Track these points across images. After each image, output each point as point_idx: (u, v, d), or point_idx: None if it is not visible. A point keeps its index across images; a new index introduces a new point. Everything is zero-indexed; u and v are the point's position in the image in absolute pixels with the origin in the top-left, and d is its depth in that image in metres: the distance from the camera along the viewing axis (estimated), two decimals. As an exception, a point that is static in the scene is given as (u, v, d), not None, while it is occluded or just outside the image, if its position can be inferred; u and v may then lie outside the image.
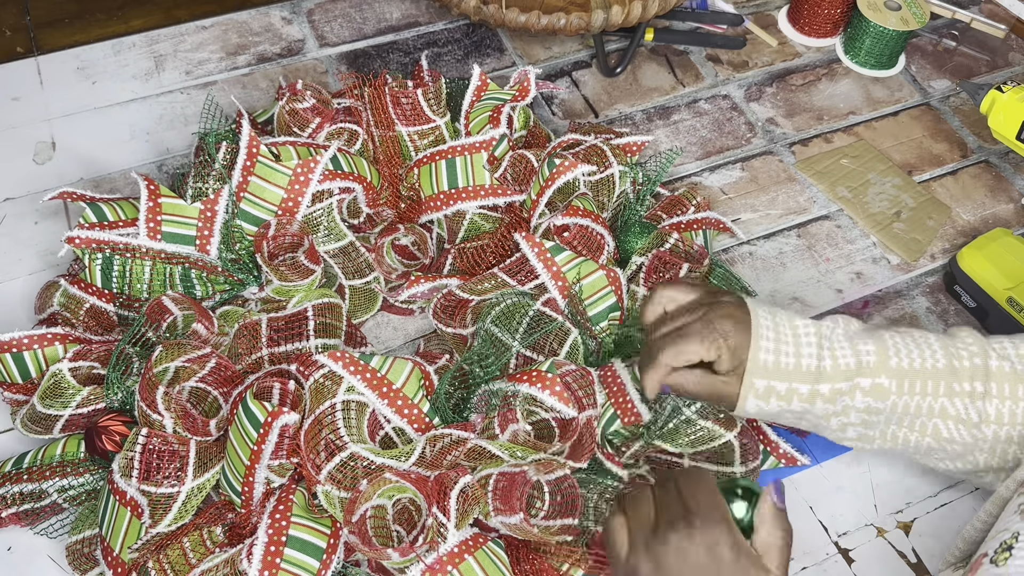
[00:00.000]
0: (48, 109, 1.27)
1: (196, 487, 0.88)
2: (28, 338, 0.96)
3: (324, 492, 0.87)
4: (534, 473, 0.86)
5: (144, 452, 0.87)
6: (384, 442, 0.94)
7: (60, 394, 0.93)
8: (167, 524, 0.86)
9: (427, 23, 1.44)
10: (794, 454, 1.02)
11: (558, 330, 1.01)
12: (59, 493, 0.92)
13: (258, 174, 1.06)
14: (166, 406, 0.89)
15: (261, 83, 1.33)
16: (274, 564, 0.82)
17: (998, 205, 1.30)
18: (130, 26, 1.38)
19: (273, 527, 0.84)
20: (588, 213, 1.08)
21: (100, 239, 1.01)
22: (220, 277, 1.06)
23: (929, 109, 1.41)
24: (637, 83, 1.40)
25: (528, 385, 0.92)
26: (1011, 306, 1.11)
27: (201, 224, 1.05)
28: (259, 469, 0.87)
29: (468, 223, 1.13)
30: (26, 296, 1.09)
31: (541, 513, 0.87)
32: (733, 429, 0.94)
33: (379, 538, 0.86)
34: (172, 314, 0.98)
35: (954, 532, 1.00)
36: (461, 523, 0.84)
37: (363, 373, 0.92)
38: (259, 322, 1.01)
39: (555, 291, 1.04)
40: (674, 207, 1.18)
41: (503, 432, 0.90)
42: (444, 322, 1.07)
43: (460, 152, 1.14)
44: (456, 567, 0.83)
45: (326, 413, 0.90)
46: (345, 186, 1.09)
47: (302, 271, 1.04)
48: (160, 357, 0.92)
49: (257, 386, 0.91)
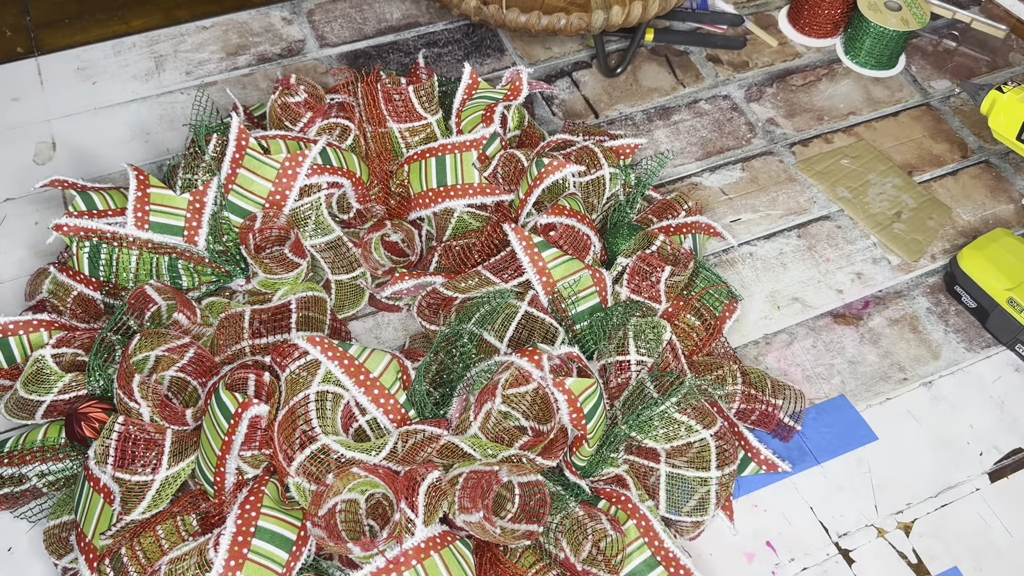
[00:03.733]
0: (48, 109, 1.29)
1: (171, 476, 0.88)
2: (14, 324, 0.97)
3: (296, 484, 0.87)
4: (506, 474, 0.85)
5: (120, 440, 0.87)
6: (358, 436, 0.93)
7: (43, 380, 0.94)
8: (140, 512, 0.86)
9: (427, 23, 1.44)
10: (775, 460, 1.00)
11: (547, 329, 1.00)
12: (39, 478, 0.92)
13: (247, 167, 1.06)
14: (143, 395, 0.89)
15: (261, 83, 1.34)
16: (241, 554, 0.81)
17: (998, 205, 1.27)
18: (130, 26, 1.40)
19: (242, 518, 0.83)
20: (574, 213, 1.07)
21: (88, 227, 1.02)
22: (207, 268, 1.06)
23: (929, 109, 1.39)
24: (637, 83, 1.39)
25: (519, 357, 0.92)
26: (1011, 306, 1.09)
27: (190, 215, 1.06)
28: (230, 459, 0.86)
29: (456, 221, 1.13)
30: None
31: (508, 515, 0.86)
32: (711, 427, 0.92)
33: (351, 532, 0.85)
34: (155, 303, 0.98)
35: (954, 533, 0.98)
36: (429, 519, 0.83)
37: (340, 359, 0.91)
38: (242, 314, 1.01)
39: (540, 287, 1.03)
40: (665, 211, 1.17)
41: (479, 412, 0.89)
42: (428, 319, 1.06)
43: (450, 150, 1.13)
44: (421, 563, 0.82)
45: (300, 404, 0.89)
46: (334, 181, 1.09)
47: (287, 264, 1.04)
48: (139, 346, 0.92)
49: (232, 377, 0.91)
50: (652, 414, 0.91)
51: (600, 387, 0.94)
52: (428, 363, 0.95)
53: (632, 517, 0.91)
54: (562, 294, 1.03)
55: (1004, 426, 1.07)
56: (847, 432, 1.05)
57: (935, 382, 1.10)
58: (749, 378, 1.04)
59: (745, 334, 1.13)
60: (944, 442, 1.05)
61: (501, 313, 1.00)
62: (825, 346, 1.12)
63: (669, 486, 0.93)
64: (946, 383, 1.10)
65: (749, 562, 0.96)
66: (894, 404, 1.08)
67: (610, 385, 0.99)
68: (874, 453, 1.04)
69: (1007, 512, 1.00)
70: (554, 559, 0.88)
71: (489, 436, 0.90)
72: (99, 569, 0.85)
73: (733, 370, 1.02)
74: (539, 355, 0.92)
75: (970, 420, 1.07)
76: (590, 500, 0.93)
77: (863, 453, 1.04)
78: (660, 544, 0.90)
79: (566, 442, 0.93)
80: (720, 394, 1.00)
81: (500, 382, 0.91)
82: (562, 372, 0.93)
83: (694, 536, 0.96)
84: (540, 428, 0.93)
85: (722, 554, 0.96)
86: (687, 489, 0.93)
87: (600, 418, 0.93)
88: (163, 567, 0.82)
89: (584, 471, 0.95)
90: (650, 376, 0.97)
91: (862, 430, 1.05)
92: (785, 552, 0.96)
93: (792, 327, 1.14)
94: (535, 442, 0.90)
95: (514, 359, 0.92)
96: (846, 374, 1.10)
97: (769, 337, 1.13)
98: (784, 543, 0.97)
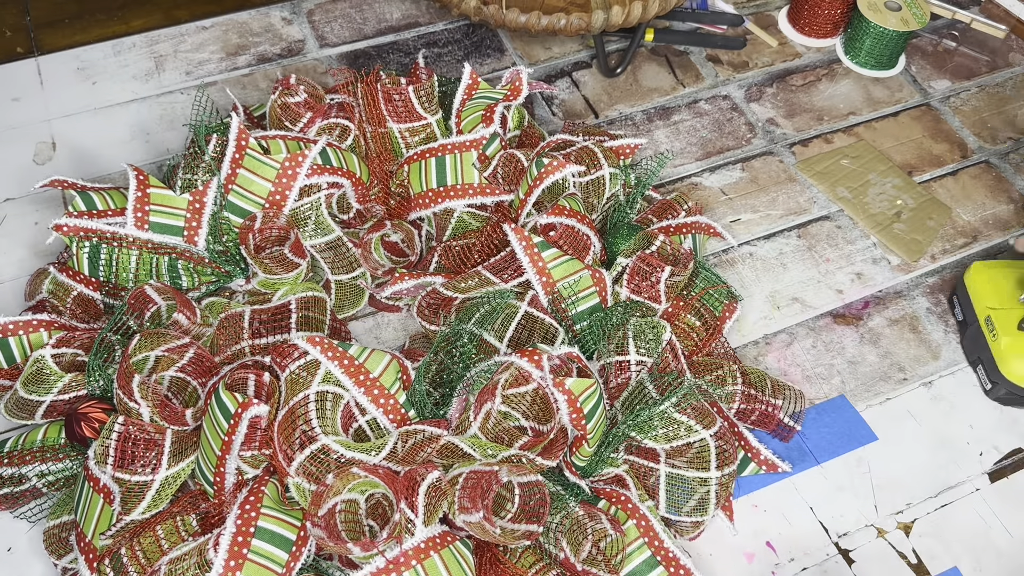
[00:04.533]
0: (48, 109, 1.29)
1: (171, 476, 0.88)
2: (13, 324, 0.97)
3: (296, 484, 0.87)
4: (506, 474, 0.85)
5: (120, 440, 0.87)
6: (358, 436, 0.93)
7: (42, 380, 0.94)
8: (140, 512, 0.86)
9: (427, 23, 1.44)
10: (775, 460, 1.00)
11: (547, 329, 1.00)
12: (39, 478, 0.92)
13: (246, 167, 1.06)
14: (143, 395, 0.89)
15: (261, 83, 1.34)
16: (241, 554, 0.81)
17: (998, 205, 1.27)
18: (130, 26, 1.40)
19: (242, 518, 0.83)
20: (574, 213, 1.07)
21: (88, 227, 1.02)
22: (207, 268, 1.06)
23: (929, 109, 1.39)
24: (637, 83, 1.39)
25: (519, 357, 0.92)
26: (986, 325, 1.08)
27: (190, 215, 1.06)
28: (230, 459, 0.86)
29: (456, 221, 1.13)
30: (26, 294, 1.10)
31: (508, 515, 0.86)
32: (711, 427, 0.92)
33: (351, 532, 0.85)
34: (155, 303, 0.98)
35: (954, 533, 0.98)
36: (429, 519, 0.83)
37: (340, 359, 0.91)
38: (242, 314, 1.01)
39: (539, 287, 1.03)
40: (665, 211, 1.17)
41: (479, 412, 0.89)
42: (428, 320, 1.06)
43: (450, 150, 1.13)
44: (421, 563, 0.82)
45: (300, 404, 0.89)
46: (334, 181, 1.09)
47: (287, 264, 1.04)
48: (139, 346, 0.92)
49: (232, 377, 0.91)
50: (652, 414, 0.91)
51: (600, 387, 0.94)
52: (428, 363, 0.95)
53: (632, 517, 0.91)
54: (562, 294, 1.03)
55: (1004, 426, 1.07)
56: (847, 432, 1.05)
57: (935, 382, 1.10)
58: (749, 378, 1.03)
59: (745, 334, 1.13)
60: (944, 442, 1.05)
61: (501, 313, 1.00)
62: (825, 346, 1.12)
63: (669, 486, 0.93)
64: (946, 383, 1.10)
65: (749, 562, 0.95)
66: (894, 404, 1.08)
67: (610, 385, 0.99)
68: (874, 453, 1.04)
69: (1007, 512, 1.00)
70: (554, 559, 0.88)
71: (489, 436, 0.90)
72: (99, 569, 0.85)
73: (733, 370, 1.02)
74: (539, 355, 0.92)
75: (970, 420, 1.07)
76: (590, 500, 0.93)
77: (863, 453, 1.04)
78: (660, 544, 0.90)
79: (566, 442, 0.93)
80: (720, 394, 1.00)
81: (500, 382, 0.91)
82: (562, 372, 0.93)
83: (694, 536, 0.96)
84: (540, 428, 0.93)
85: (722, 554, 0.96)
86: (687, 489, 0.93)
87: (600, 418, 0.93)
88: (163, 567, 0.82)
89: (584, 471, 0.95)
90: (650, 376, 0.97)
91: (862, 430, 1.05)
92: (785, 552, 0.96)
93: (792, 327, 1.14)
94: (535, 442, 0.90)
95: (514, 359, 0.92)
96: (846, 374, 1.10)
97: (769, 337, 1.13)
98: (784, 543, 0.97)
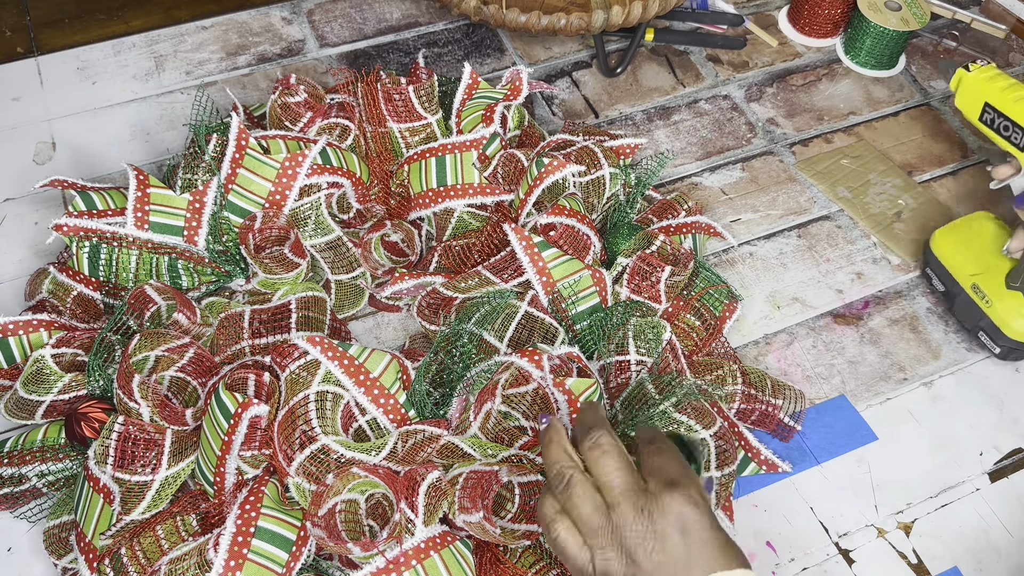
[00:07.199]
0: (48, 109, 1.29)
1: (171, 476, 0.88)
2: (13, 323, 0.96)
3: (295, 484, 0.87)
4: (506, 474, 0.85)
5: (120, 440, 0.87)
6: (358, 436, 0.93)
7: (42, 380, 0.94)
8: (140, 512, 0.86)
9: (427, 23, 1.44)
10: (776, 460, 1.00)
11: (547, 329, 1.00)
12: (39, 478, 0.92)
13: (246, 166, 1.06)
14: (143, 395, 0.89)
15: (261, 83, 1.34)
16: (241, 555, 0.81)
17: (998, 206, 1.27)
18: (130, 26, 1.40)
19: (242, 518, 0.83)
20: (574, 213, 1.07)
21: (88, 227, 1.02)
22: (207, 268, 1.06)
23: (929, 109, 1.39)
24: (637, 83, 1.39)
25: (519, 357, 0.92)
26: (975, 292, 1.08)
27: (189, 215, 1.06)
28: (230, 459, 0.86)
29: (456, 221, 1.13)
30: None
31: (508, 515, 0.86)
32: (711, 427, 0.92)
33: (351, 532, 0.85)
34: (155, 303, 0.98)
35: (954, 533, 0.98)
36: (429, 519, 0.83)
37: (340, 359, 0.91)
38: (242, 314, 1.01)
39: (539, 287, 1.03)
40: (666, 211, 1.17)
41: (479, 412, 0.89)
42: (428, 319, 1.06)
43: (450, 150, 1.13)
44: (421, 563, 0.82)
45: (300, 404, 0.89)
46: (334, 181, 1.09)
47: (287, 264, 1.04)
48: (139, 346, 0.92)
49: (232, 377, 0.91)
50: (652, 414, 0.91)
51: (600, 387, 0.94)
52: (428, 363, 0.95)
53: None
54: (562, 294, 1.03)
55: (1004, 426, 1.07)
56: (847, 432, 1.05)
57: (935, 382, 1.10)
58: (749, 378, 1.03)
59: (745, 334, 1.13)
60: (944, 442, 1.05)
61: (501, 313, 1.00)
62: (825, 346, 1.12)
63: (669, 486, 0.93)
64: (946, 383, 1.10)
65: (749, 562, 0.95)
66: (894, 404, 1.08)
67: (610, 385, 0.99)
68: (874, 453, 1.04)
69: (1007, 512, 1.00)
70: (554, 559, 0.88)
71: (489, 436, 0.91)
72: (99, 569, 0.85)
73: (733, 370, 1.02)
74: (539, 355, 0.92)
75: (970, 420, 1.07)
76: None
77: (863, 453, 1.04)
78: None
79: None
80: (720, 394, 1.00)
81: (500, 382, 0.91)
82: (562, 372, 0.94)
83: (694, 536, 0.96)
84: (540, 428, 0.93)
85: (722, 554, 0.96)
86: (687, 489, 0.92)
87: (600, 418, 0.93)
88: (163, 567, 0.82)
89: (584, 471, 0.94)
90: (650, 376, 0.97)
91: (862, 430, 1.05)
92: (785, 552, 0.96)
93: (792, 327, 1.14)
94: (535, 442, 0.90)
95: (514, 359, 0.92)
96: (846, 374, 1.10)
97: (769, 337, 1.13)
98: (784, 543, 0.97)
